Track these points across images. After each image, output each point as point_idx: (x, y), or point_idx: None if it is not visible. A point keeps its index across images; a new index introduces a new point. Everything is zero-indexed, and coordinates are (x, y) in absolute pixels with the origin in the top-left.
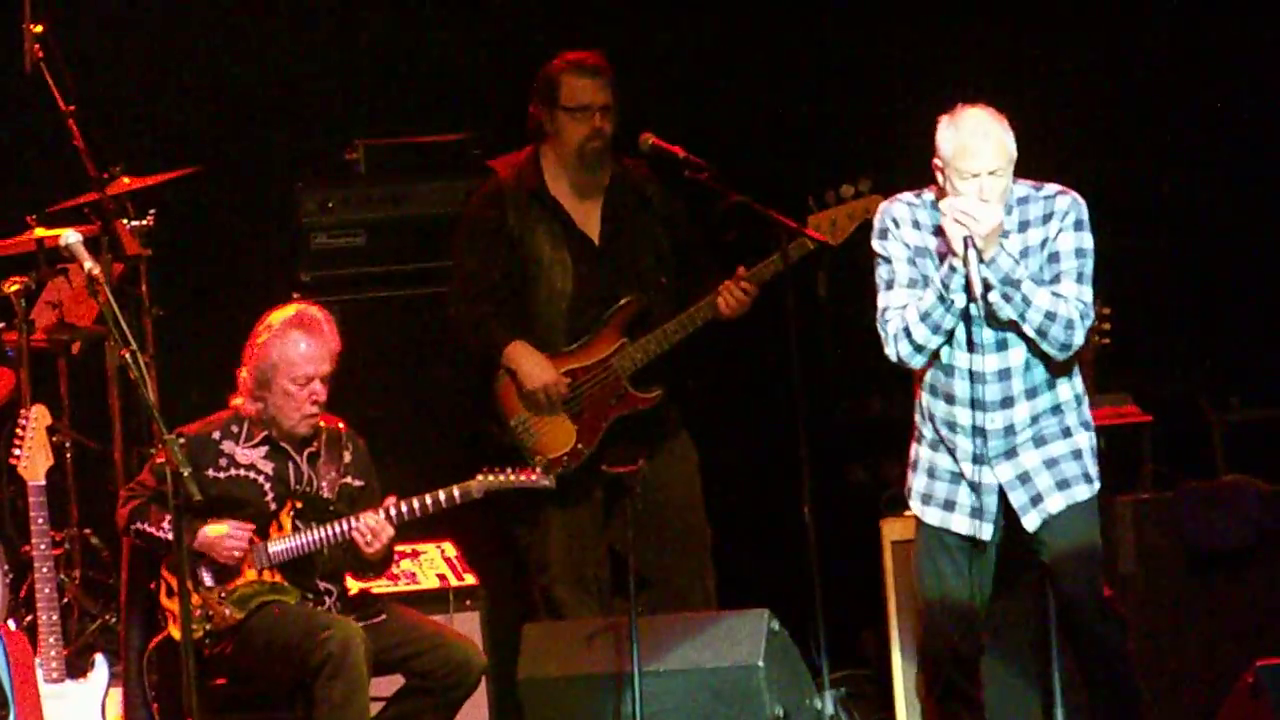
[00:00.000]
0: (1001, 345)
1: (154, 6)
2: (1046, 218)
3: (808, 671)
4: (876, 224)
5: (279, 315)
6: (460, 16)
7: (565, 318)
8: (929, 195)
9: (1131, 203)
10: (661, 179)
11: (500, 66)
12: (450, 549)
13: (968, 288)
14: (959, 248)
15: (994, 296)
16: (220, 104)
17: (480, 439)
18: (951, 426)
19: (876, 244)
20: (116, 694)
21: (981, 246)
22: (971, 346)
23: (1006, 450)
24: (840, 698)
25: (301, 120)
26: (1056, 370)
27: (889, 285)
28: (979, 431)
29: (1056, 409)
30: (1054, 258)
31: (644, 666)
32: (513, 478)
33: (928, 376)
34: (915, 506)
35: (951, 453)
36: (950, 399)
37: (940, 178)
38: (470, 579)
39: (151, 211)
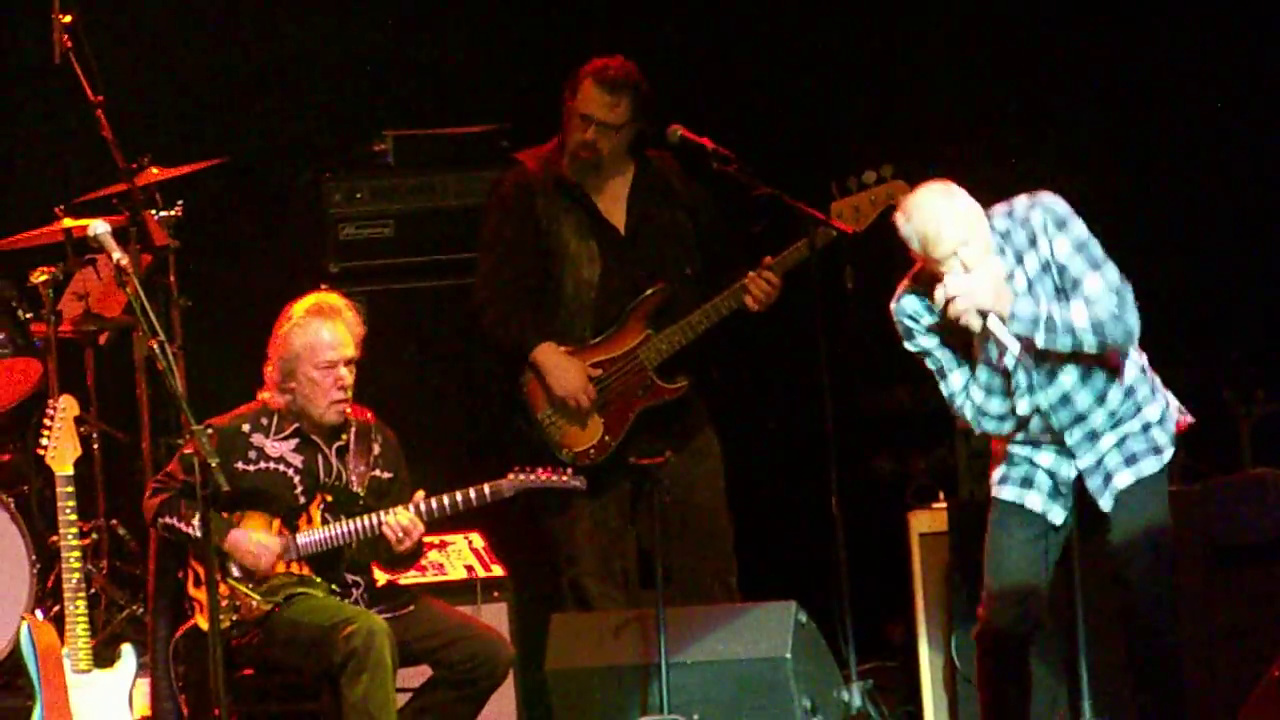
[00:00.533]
0: (1052, 376)
1: None
2: (1032, 240)
3: (835, 663)
4: (897, 328)
5: (299, 305)
6: (488, 7)
7: (591, 307)
8: (922, 275)
9: (1155, 196)
10: (688, 170)
11: (529, 57)
12: (478, 540)
13: (1005, 352)
14: (977, 324)
15: (1040, 341)
16: (248, 94)
17: (508, 432)
18: (1036, 444)
19: (908, 345)
20: (144, 684)
21: (997, 310)
22: (1023, 391)
23: (1091, 447)
24: (867, 689)
25: (330, 111)
26: (1114, 362)
27: (942, 374)
28: (1064, 449)
29: (1129, 391)
30: (1062, 269)
31: (671, 658)
32: (544, 477)
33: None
34: (994, 489)
35: (1032, 444)
36: (1027, 437)
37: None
38: (498, 570)
39: (180, 202)
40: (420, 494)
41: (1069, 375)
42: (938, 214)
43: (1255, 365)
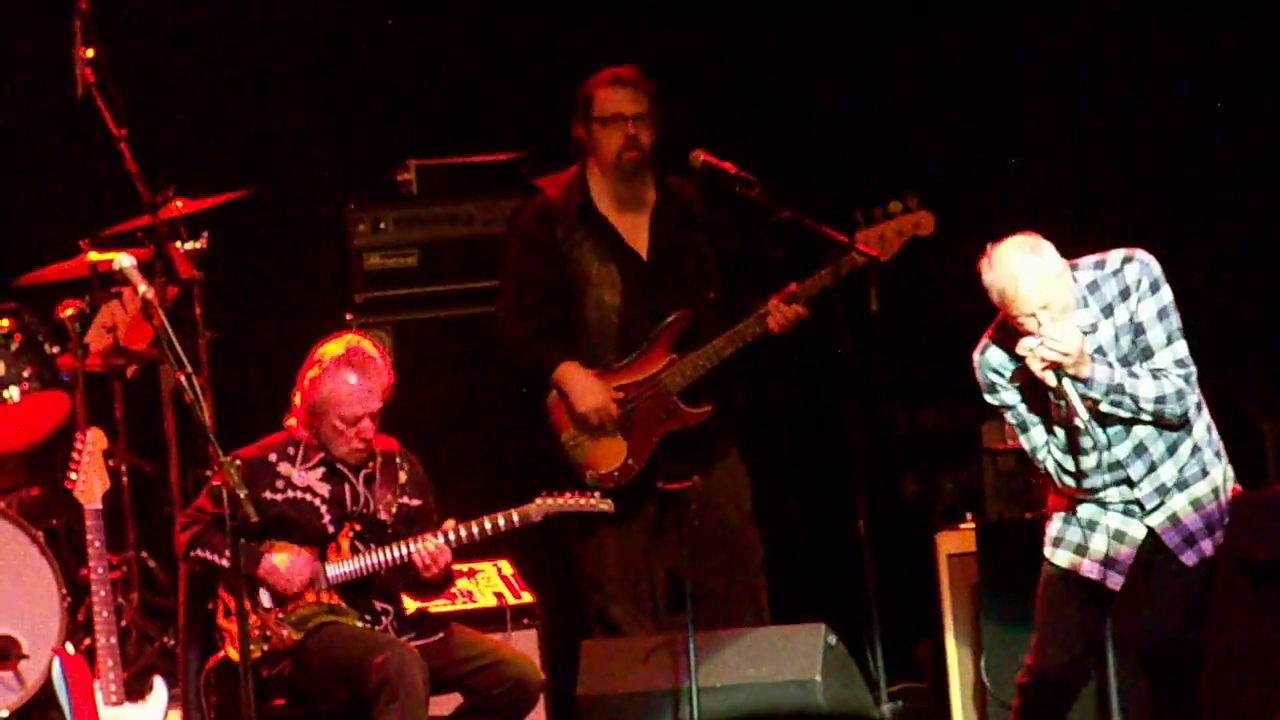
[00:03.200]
0: (1127, 430)
1: (203, 30)
2: (1124, 294)
3: (865, 685)
4: (979, 379)
5: (330, 351)
6: (511, 37)
7: (614, 333)
8: (1006, 326)
9: (1177, 209)
10: (709, 195)
11: (551, 86)
12: (507, 567)
13: (1073, 413)
14: (1052, 381)
15: (1105, 406)
16: (272, 126)
17: (533, 456)
18: (1104, 505)
19: (990, 399)
20: (175, 716)
21: (1074, 372)
22: (1100, 445)
23: (1161, 502)
24: (897, 710)
25: (353, 141)
26: (1184, 420)
27: (1023, 428)
28: (1134, 502)
29: (1195, 450)
30: (1140, 330)
31: (702, 682)
32: (571, 501)
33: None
34: (1047, 550)
35: (1099, 504)
36: (1094, 492)
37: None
38: (527, 597)
39: (204, 234)
40: (451, 522)
41: (1143, 428)
42: (1020, 272)
43: None
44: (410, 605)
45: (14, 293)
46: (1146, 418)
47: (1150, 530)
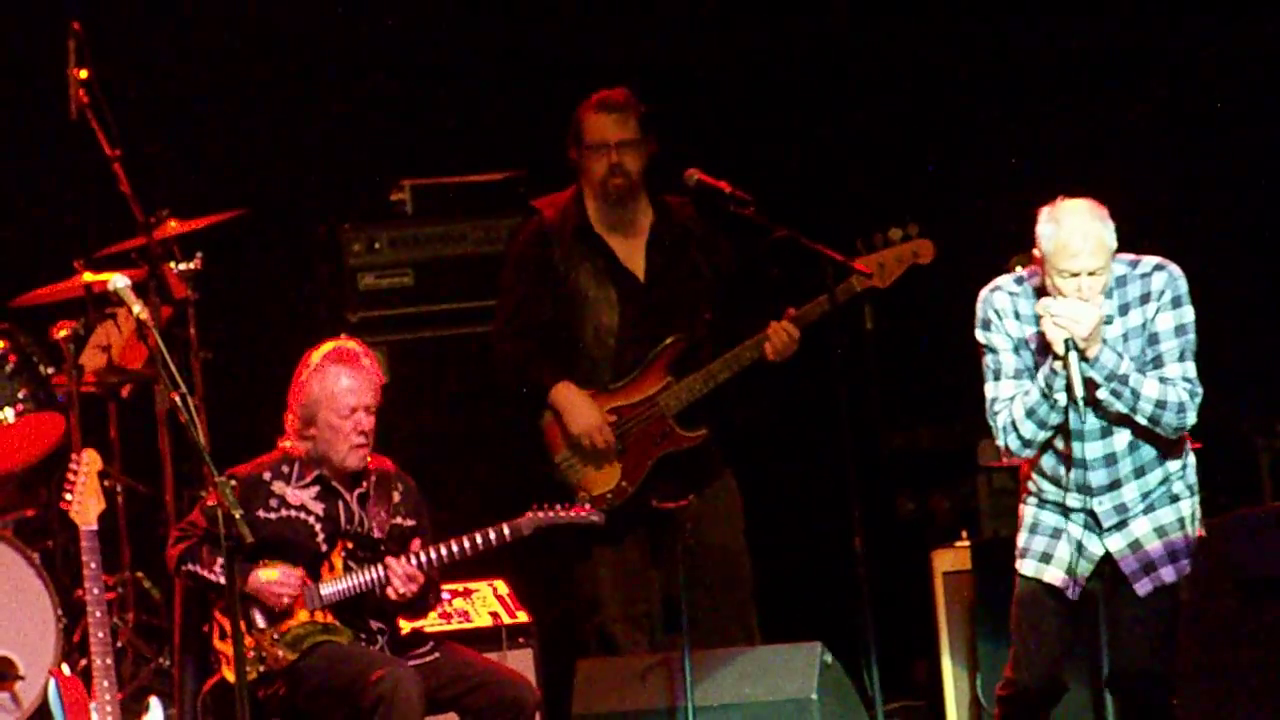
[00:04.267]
0: (1106, 431)
1: (197, 51)
2: (1144, 298)
3: (861, 703)
4: (979, 313)
5: (318, 352)
6: (505, 56)
7: (611, 355)
8: (1029, 284)
9: (1177, 231)
10: (705, 215)
11: (546, 105)
12: (502, 587)
13: (1069, 389)
14: (1060, 349)
15: (1103, 394)
16: (265, 146)
17: (528, 475)
18: (1061, 506)
19: (980, 334)
20: None
21: (1083, 347)
22: (1075, 434)
23: (1118, 523)
24: None
25: (347, 161)
26: (1165, 445)
27: (996, 375)
28: (1089, 514)
29: (1165, 480)
30: (1154, 338)
31: (698, 701)
32: (563, 514)
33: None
34: (1017, 563)
35: (1060, 511)
36: (1058, 483)
37: (1041, 270)
38: (523, 616)
39: (198, 254)
40: (416, 542)
41: (1122, 438)
42: (1088, 231)
43: (1274, 397)
44: (405, 625)
45: (8, 314)
46: (1142, 420)
47: (1108, 554)
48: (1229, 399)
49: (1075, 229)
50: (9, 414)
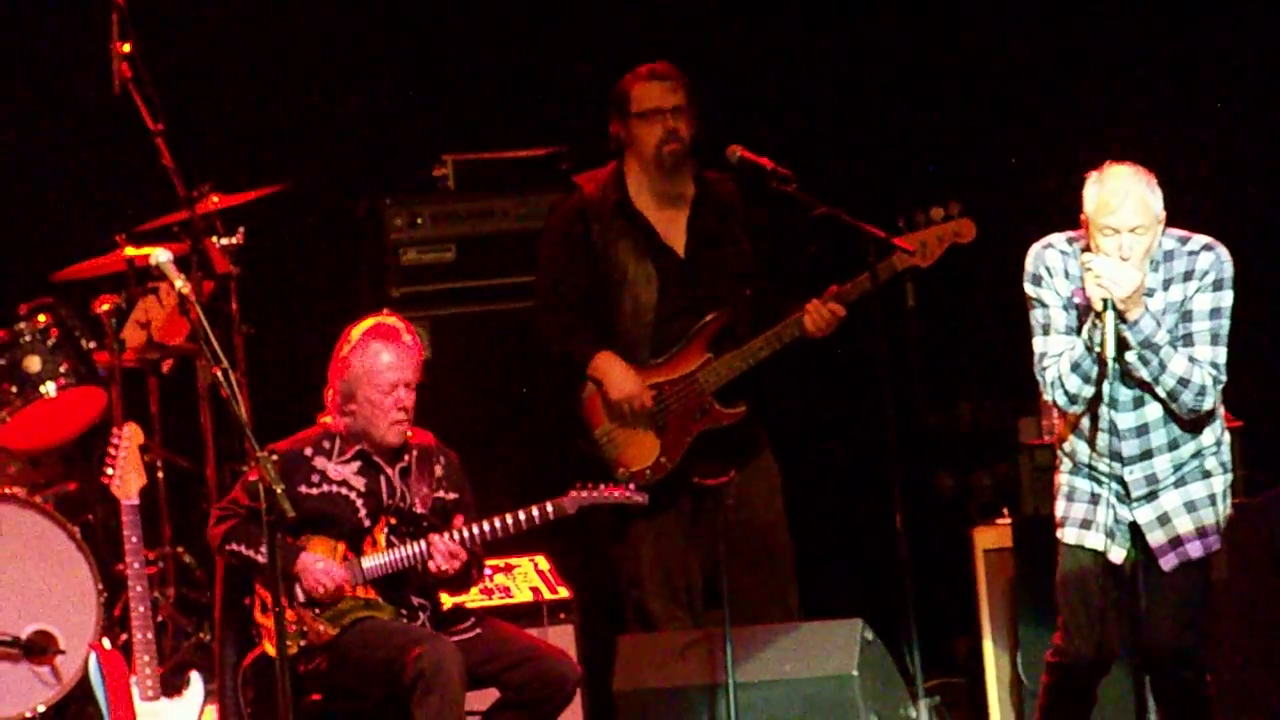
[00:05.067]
0: (1139, 402)
1: (240, 25)
2: (1187, 275)
3: (902, 680)
4: (1029, 268)
5: (358, 329)
6: (547, 31)
7: (650, 330)
8: (1080, 244)
9: (1214, 205)
10: (747, 191)
11: (588, 80)
12: (543, 562)
13: (1101, 348)
14: (1099, 307)
15: (1131, 356)
16: (308, 120)
17: (570, 450)
18: (1094, 469)
19: (1030, 288)
20: (212, 711)
21: (1123, 309)
22: (1110, 402)
23: (1148, 494)
24: (935, 706)
25: (390, 136)
26: (1200, 419)
27: (1045, 330)
28: (1118, 479)
29: (1198, 454)
30: (1187, 316)
31: (739, 678)
32: (606, 494)
33: (1072, 418)
34: (1058, 531)
35: (1093, 479)
36: (1093, 445)
37: (1087, 232)
38: (564, 592)
39: (241, 229)
40: (459, 519)
41: (1154, 409)
42: (1129, 189)
43: None
44: (447, 601)
45: (51, 288)
46: (1161, 392)
47: (1137, 526)
48: (1268, 376)
49: (1117, 187)
50: (51, 388)
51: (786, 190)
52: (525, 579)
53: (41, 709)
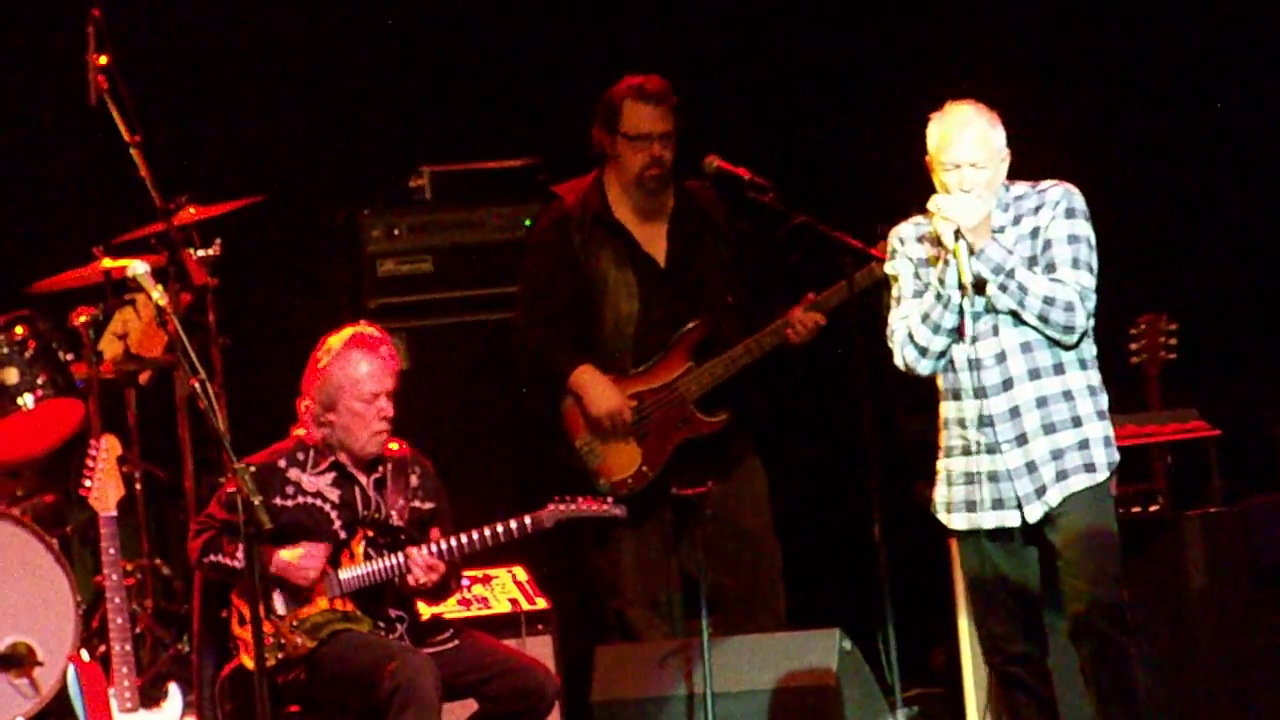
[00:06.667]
0: (995, 330)
1: (216, 36)
2: (1037, 209)
3: (880, 690)
4: (888, 246)
5: (336, 338)
6: (524, 42)
7: (631, 341)
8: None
9: (1195, 215)
10: (726, 201)
11: (565, 91)
12: (521, 573)
13: (959, 281)
14: (949, 242)
15: (991, 288)
16: (285, 132)
17: (547, 462)
18: (962, 423)
19: (886, 266)
20: None
21: (971, 240)
22: (965, 335)
23: (1017, 436)
24: (913, 716)
25: (366, 147)
26: (1066, 355)
27: (896, 302)
28: (986, 420)
29: (1067, 394)
30: (1047, 245)
31: (717, 688)
32: (584, 507)
33: (940, 382)
34: (943, 518)
35: (965, 452)
36: (957, 394)
37: (932, 175)
38: (542, 603)
39: (218, 240)
40: (436, 531)
41: (1011, 337)
42: (968, 124)
43: None
44: (425, 612)
45: (27, 300)
46: (1030, 316)
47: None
48: (1246, 386)
49: (955, 122)
50: (28, 400)
51: (763, 200)
52: (503, 590)
53: None
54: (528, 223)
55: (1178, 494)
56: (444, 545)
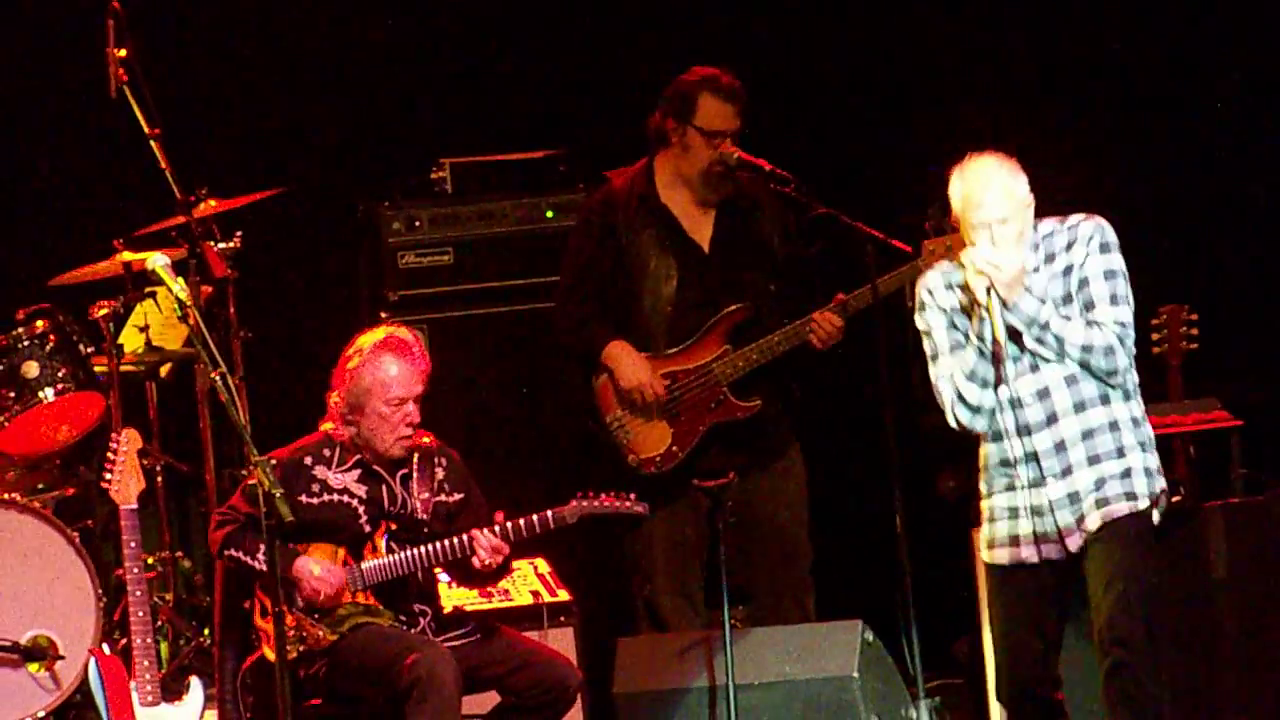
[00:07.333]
0: (1034, 368)
1: (237, 29)
2: (1070, 246)
3: (902, 681)
4: (917, 299)
5: (369, 339)
6: (545, 33)
7: (668, 324)
8: (957, 258)
9: (1215, 207)
10: (779, 196)
11: (586, 83)
12: (543, 565)
13: (993, 336)
14: (982, 297)
15: (1029, 341)
16: (305, 124)
17: (569, 452)
18: (1005, 462)
19: (918, 319)
20: (212, 716)
21: (1004, 295)
22: (1005, 380)
23: (1063, 469)
24: (935, 707)
25: (387, 139)
26: (1110, 387)
27: (934, 357)
28: (1031, 457)
29: (1113, 425)
30: (1084, 283)
31: (738, 679)
32: (607, 504)
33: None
34: (985, 555)
35: (1009, 488)
36: (998, 436)
37: (961, 231)
38: (563, 595)
39: (238, 233)
40: (500, 514)
41: (1054, 373)
42: (990, 181)
43: None
44: (448, 604)
45: (48, 293)
46: (1072, 362)
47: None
48: (1268, 376)
49: (978, 179)
50: (49, 393)
51: (784, 191)
52: (525, 582)
53: (41, 714)
54: (549, 214)
55: (1200, 484)
56: (510, 525)
